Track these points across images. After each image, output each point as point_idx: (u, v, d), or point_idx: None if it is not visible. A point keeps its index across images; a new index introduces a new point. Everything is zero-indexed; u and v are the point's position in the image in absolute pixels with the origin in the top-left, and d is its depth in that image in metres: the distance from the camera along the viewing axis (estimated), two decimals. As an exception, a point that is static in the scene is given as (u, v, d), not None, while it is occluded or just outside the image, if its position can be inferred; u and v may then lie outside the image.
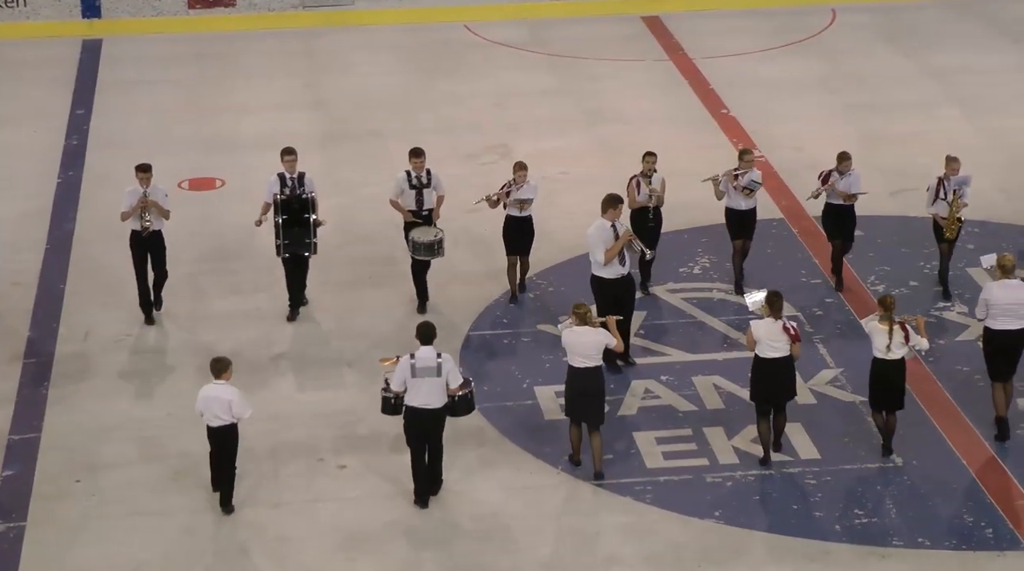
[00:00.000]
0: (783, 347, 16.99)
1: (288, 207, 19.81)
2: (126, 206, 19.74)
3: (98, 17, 31.85)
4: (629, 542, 16.15)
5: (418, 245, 20.01)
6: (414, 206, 20.33)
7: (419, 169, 20.29)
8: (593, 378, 16.85)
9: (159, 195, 19.84)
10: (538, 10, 32.68)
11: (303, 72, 29.52)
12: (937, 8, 32.60)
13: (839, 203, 20.71)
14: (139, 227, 19.79)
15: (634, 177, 20.56)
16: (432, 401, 16.47)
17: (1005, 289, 17.58)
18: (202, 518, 16.54)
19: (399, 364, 16.44)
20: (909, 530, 16.28)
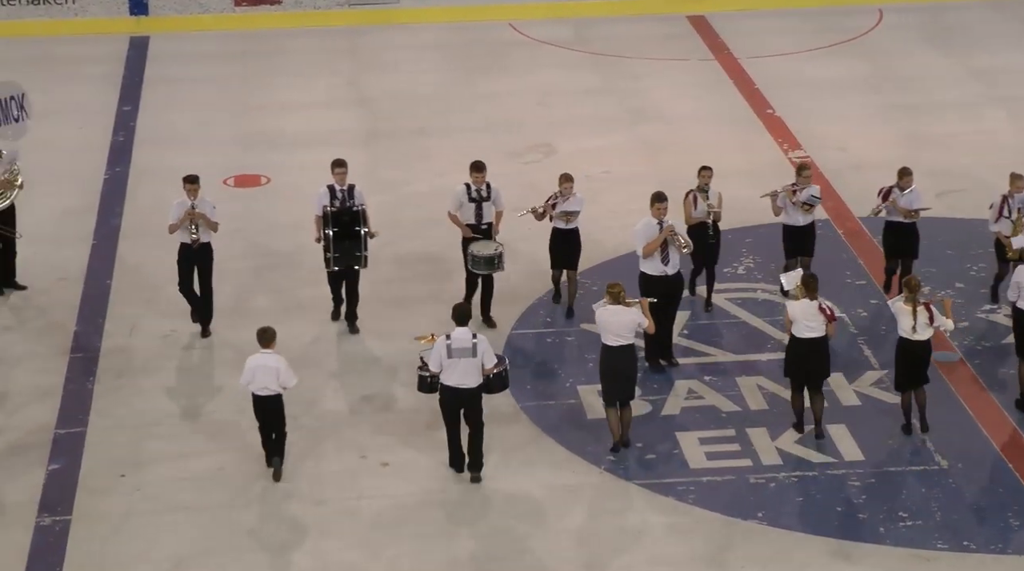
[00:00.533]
0: (819, 327, 17.42)
1: (338, 220, 19.56)
2: (173, 218, 19.58)
3: (145, 14, 32.00)
4: (671, 542, 16.14)
5: (477, 259, 19.63)
6: (473, 220, 19.99)
7: (479, 183, 19.95)
8: (626, 356, 17.39)
9: (207, 207, 19.66)
10: (583, 9, 32.65)
11: (347, 70, 29.59)
12: (982, 8, 32.43)
13: (900, 220, 20.14)
14: (188, 239, 19.59)
15: (690, 192, 20.07)
16: (467, 381, 16.88)
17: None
18: (244, 514, 16.62)
19: (435, 345, 16.89)
20: (954, 533, 16.22)
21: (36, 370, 19.31)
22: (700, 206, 19.95)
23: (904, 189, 20.05)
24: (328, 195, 19.74)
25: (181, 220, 19.54)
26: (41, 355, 19.65)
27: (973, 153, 23.66)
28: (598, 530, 16.35)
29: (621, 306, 17.29)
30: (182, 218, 19.53)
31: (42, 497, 16.86)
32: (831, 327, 17.55)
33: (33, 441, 17.85)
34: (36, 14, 31.68)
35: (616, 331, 17.28)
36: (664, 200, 18.95)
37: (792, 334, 17.58)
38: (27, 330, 20.28)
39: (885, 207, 20.12)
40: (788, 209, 20.20)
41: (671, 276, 18.97)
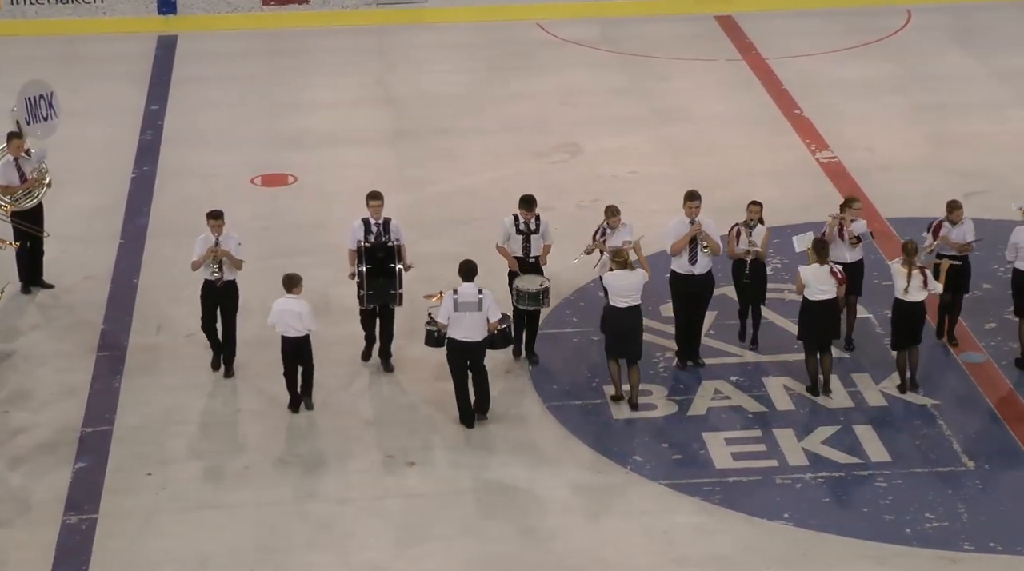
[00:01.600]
0: (830, 290, 18.30)
1: (373, 256, 18.70)
2: (196, 255, 18.76)
3: (173, 13, 32.08)
4: (697, 542, 16.12)
5: (522, 294, 18.73)
6: (520, 253, 19.14)
7: (528, 217, 19.10)
8: (633, 316, 18.20)
9: (231, 244, 18.83)
10: (610, 8, 32.62)
11: (374, 69, 29.61)
12: (1010, 9, 32.29)
13: (952, 255, 19.11)
14: (211, 277, 18.75)
15: (736, 226, 19.25)
16: (472, 334, 17.86)
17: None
18: (270, 512, 16.64)
19: (443, 299, 17.92)
20: (980, 534, 16.16)
21: (63, 368, 19.36)
22: (742, 242, 19.16)
23: (955, 222, 19.10)
24: (363, 229, 18.96)
25: (204, 257, 18.69)
26: (68, 353, 19.71)
27: (1000, 154, 23.57)
28: (623, 530, 16.33)
29: (627, 270, 18.11)
30: (205, 255, 18.68)
31: (68, 495, 16.90)
32: (841, 290, 18.40)
33: (59, 439, 17.90)
34: (64, 13, 31.77)
35: (623, 293, 18.13)
36: (696, 198, 18.94)
37: (804, 297, 18.35)
38: (54, 328, 20.34)
39: (938, 243, 19.04)
40: (836, 243, 18.92)
41: (698, 275, 18.94)
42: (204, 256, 18.70)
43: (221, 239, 18.74)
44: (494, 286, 18.67)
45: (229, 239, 18.87)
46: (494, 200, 23.62)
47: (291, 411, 18.34)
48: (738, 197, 21.31)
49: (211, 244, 18.70)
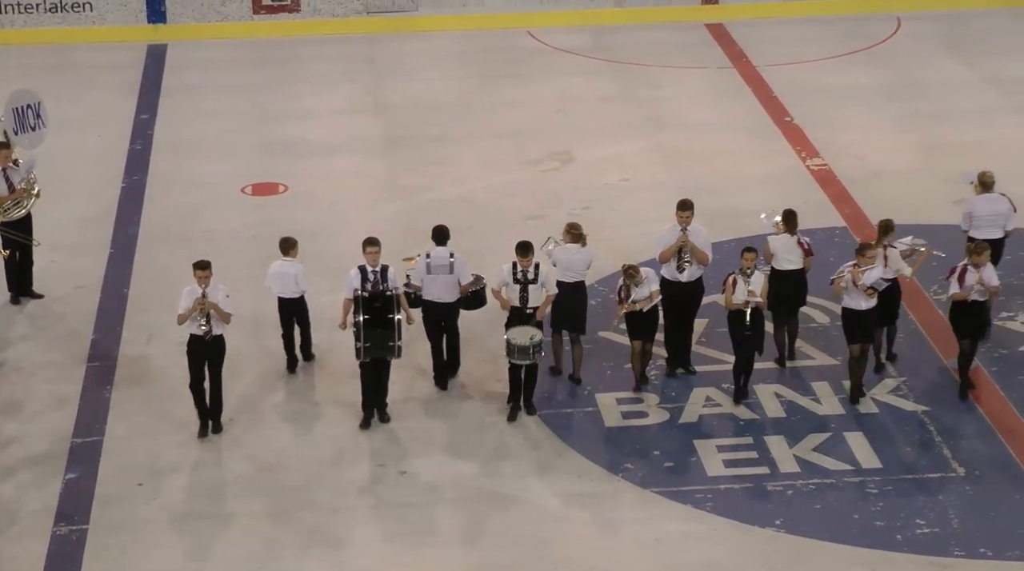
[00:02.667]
0: (797, 260, 18.99)
1: (370, 306, 17.82)
2: (182, 308, 17.67)
3: (163, 22, 32.08)
4: (689, 550, 16.11)
5: (512, 347, 17.90)
6: (517, 302, 18.29)
7: (526, 265, 18.28)
8: (578, 292, 18.78)
9: (219, 295, 17.74)
10: (601, 16, 32.67)
11: (366, 78, 29.62)
12: (1000, 16, 32.38)
13: (976, 300, 18.32)
14: (198, 331, 17.69)
15: (731, 274, 18.38)
16: (445, 296, 18.59)
17: (987, 202, 19.83)
18: (261, 523, 16.61)
19: (417, 262, 18.56)
20: (970, 540, 16.16)
21: (53, 379, 19.33)
22: (739, 291, 18.24)
23: (980, 266, 18.21)
24: (359, 277, 18.08)
25: (191, 310, 17.63)
26: (58, 364, 19.67)
27: (991, 160, 23.51)
28: (616, 538, 16.32)
29: (577, 245, 18.60)
30: (192, 307, 17.62)
31: (59, 506, 16.87)
32: (808, 260, 19.03)
33: (50, 450, 17.86)
34: (54, 22, 31.78)
35: (570, 268, 18.71)
36: (688, 209, 18.94)
37: (772, 267, 19.02)
38: (44, 339, 20.31)
39: (975, 288, 18.15)
40: (850, 291, 18.24)
41: (685, 284, 18.94)
42: (191, 309, 17.63)
43: (208, 291, 17.66)
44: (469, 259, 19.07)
45: (217, 290, 17.76)
46: (487, 208, 23.67)
47: (288, 372, 19.18)
48: (730, 204, 21.33)
49: (197, 296, 17.64)
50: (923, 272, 21.45)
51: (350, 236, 22.81)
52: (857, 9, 32.75)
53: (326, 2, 32.52)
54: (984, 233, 19.69)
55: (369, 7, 32.61)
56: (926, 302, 20.77)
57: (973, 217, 19.88)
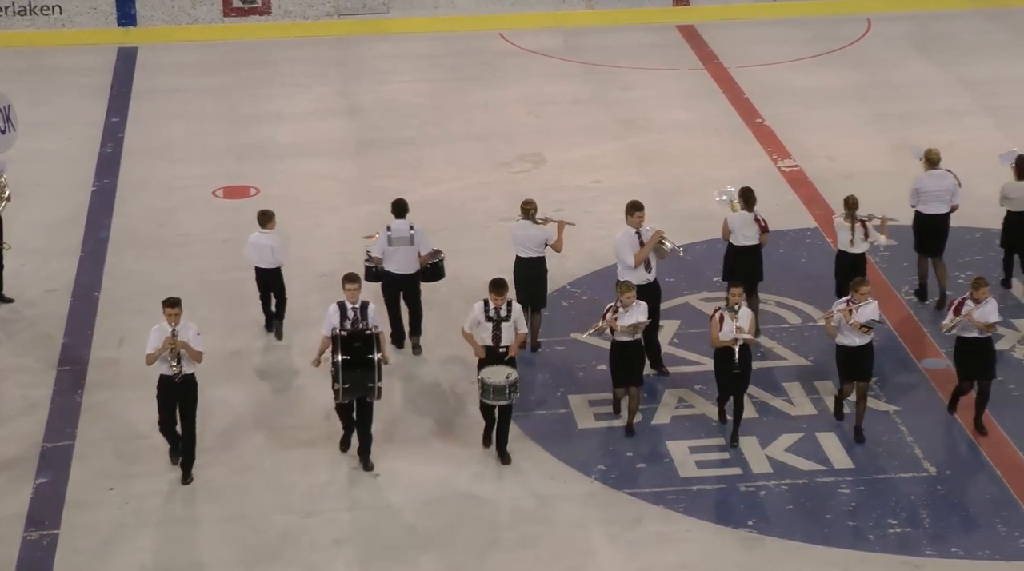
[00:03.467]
0: (753, 236, 19.56)
1: (349, 345, 17.06)
2: (151, 347, 16.85)
3: (133, 25, 32.00)
4: (662, 551, 16.11)
5: (487, 387, 17.23)
6: (490, 341, 17.56)
7: (499, 303, 17.56)
8: (537, 265, 19.37)
9: (190, 334, 16.92)
10: (572, 18, 32.69)
11: (337, 80, 29.59)
12: (971, 17, 32.50)
13: (975, 336, 17.69)
14: (168, 372, 16.93)
15: (718, 310, 17.71)
16: (405, 267, 19.31)
17: (933, 178, 20.56)
18: (234, 526, 16.56)
19: (379, 236, 19.24)
20: (943, 540, 16.20)
21: (24, 383, 19.25)
22: (727, 327, 17.55)
23: (979, 301, 17.60)
24: (338, 314, 17.34)
25: (160, 349, 16.81)
26: (29, 368, 19.59)
27: (962, 161, 23.60)
28: (588, 539, 16.31)
29: (530, 221, 19.11)
30: (161, 347, 16.80)
31: (29, 511, 16.79)
32: (764, 237, 19.61)
33: (20, 454, 17.78)
34: (23, 24, 31.69)
35: (526, 243, 19.30)
36: (642, 208, 18.95)
37: (730, 243, 19.66)
38: (15, 343, 20.23)
39: (960, 322, 17.62)
40: (843, 328, 17.66)
41: (652, 283, 18.97)
42: (160, 349, 16.82)
43: (178, 329, 16.83)
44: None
45: (187, 329, 16.94)
46: (459, 210, 23.67)
47: (266, 330, 20.07)
48: (701, 206, 21.33)
49: (167, 335, 16.81)
50: (894, 272, 21.56)
51: (322, 239, 22.85)
52: (828, 11, 32.84)
53: (296, 4, 32.49)
54: (931, 208, 20.52)
55: (340, 9, 32.58)
56: (897, 302, 20.83)
57: (920, 192, 20.60)
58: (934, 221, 20.60)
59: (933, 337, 19.93)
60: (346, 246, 22.36)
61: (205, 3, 32.17)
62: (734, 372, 17.56)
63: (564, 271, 21.59)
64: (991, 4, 33.10)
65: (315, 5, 32.52)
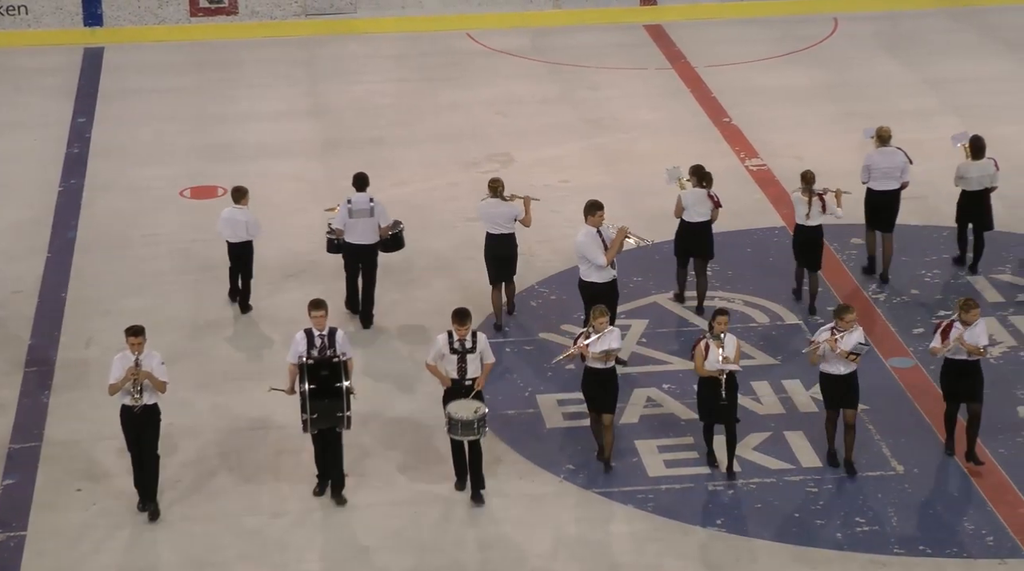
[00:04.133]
0: (706, 212, 20.21)
1: (316, 373, 16.58)
2: (113, 377, 16.31)
3: (100, 25, 31.88)
4: (631, 550, 16.13)
5: (454, 423, 16.65)
6: (455, 374, 16.89)
7: (463, 334, 16.88)
8: (507, 241, 19.92)
9: (153, 363, 16.35)
10: (540, 18, 32.70)
11: (305, 80, 29.53)
12: (937, 16, 32.62)
13: (963, 358, 17.20)
14: (130, 402, 16.33)
15: (701, 338, 17.13)
16: (365, 238, 20.04)
17: (884, 155, 21.21)
18: (202, 527, 16.53)
19: (339, 208, 19.94)
20: (910, 538, 16.26)
21: (-9, 384, 19.20)
22: (712, 356, 16.97)
23: (968, 323, 17.09)
24: (305, 341, 16.74)
25: (123, 380, 16.25)
26: (-5, 369, 19.54)
27: (929, 161, 23.73)
28: (558, 539, 16.32)
29: (499, 198, 19.63)
30: (124, 377, 16.24)
31: (-3, 512, 16.76)
32: (716, 213, 20.20)
33: (-12, 455, 17.73)
34: (-11, 25, 31.55)
35: (495, 220, 19.84)
36: (602, 208, 18.96)
37: (683, 219, 20.26)
38: (-19, 344, 20.17)
39: (952, 347, 17.10)
40: (829, 357, 17.06)
41: (611, 282, 19.04)
42: (123, 379, 16.26)
43: (142, 358, 16.28)
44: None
45: (151, 358, 16.38)
46: (427, 210, 23.65)
47: (230, 300, 20.75)
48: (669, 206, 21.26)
49: (130, 364, 16.23)
50: (863, 272, 21.62)
51: (289, 239, 22.80)
52: (795, 10, 32.92)
53: (264, 4, 32.42)
54: (881, 184, 21.22)
55: (307, 9, 32.53)
56: (864, 301, 20.89)
57: (871, 169, 21.29)
58: (884, 197, 21.27)
59: (900, 336, 20.01)
60: (314, 247, 22.33)
61: (172, 3, 32.07)
62: (720, 403, 16.96)
63: (533, 270, 21.61)
64: (957, 4, 33.22)
65: (282, 5, 32.46)
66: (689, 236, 20.34)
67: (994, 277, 21.47)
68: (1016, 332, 19.98)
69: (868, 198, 21.41)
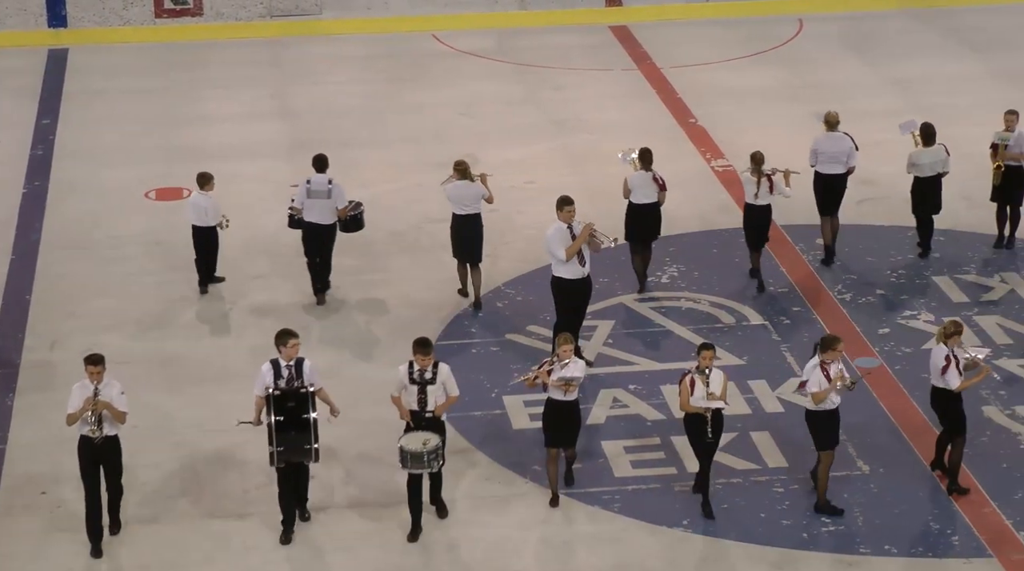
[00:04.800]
0: (652, 194, 20.83)
1: (283, 405, 15.98)
2: (72, 407, 15.75)
3: (64, 27, 31.77)
4: (597, 551, 16.14)
5: (404, 455, 16.05)
6: (415, 406, 16.31)
7: (424, 364, 16.27)
8: (473, 222, 20.37)
9: (113, 393, 15.83)
10: (506, 19, 32.71)
11: (270, 81, 29.48)
12: (901, 17, 32.75)
13: (942, 387, 16.71)
14: (89, 432, 15.78)
15: (687, 373, 16.47)
16: (323, 219, 20.58)
17: (831, 140, 21.88)
18: (167, 530, 16.47)
19: (299, 187, 20.63)
20: (876, 537, 16.31)
21: (-45, 387, 19.10)
22: (698, 392, 16.36)
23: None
24: (271, 372, 16.16)
25: (81, 410, 15.72)
26: (-41, 372, 19.44)
27: (894, 161, 23.79)
28: (524, 540, 16.33)
29: (468, 180, 20.10)
30: (82, 407, 15.71)
31: (-39, 515, 16.67)
32: (662, 194, 20.82)
33: (-48, 459, 17.64)
34: (-48, 27, 31.40)
35: (462, 201, 20.33)
36: (572, 203, 18.98)
37: (630, 202, 20.87)
38: (-55, 346, 20.07)
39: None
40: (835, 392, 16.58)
41: (587, 277, 19.03)
42: (82, 409, 15.74)
43: (101, 388, 15.76)
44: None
45: (110, 387, 15.85)
46: (392, 211, 23.63)
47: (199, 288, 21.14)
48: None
49: (89, 394, 15.73)
50: (827, 272, 21.67)
51: (255, 241, 22.75)
52: (760, 11, 33.00)
53: (229, 6, 32.36)
54: (828, 168, 21.86)
55: (272, 11, 32.47)
56: (830, 301, 20.96)
57: (818, 153, 21.95)
58: (831, 181, 21.85)
59: (865, 336, 20.08)
60: (279, 248, 22.29)
61: (136, 4, 31.98)
62: (707, 440, 16.43)
63: (499, 271, 21.62)
64: (921, 4, 33.37)
65: (247, 6, 32.40)
66: (638, 218, 20.94)
67: (958, 277, 21.56)
68: (981, 332, 20.06)
69: (816, 182, 21.96)
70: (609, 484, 17.17)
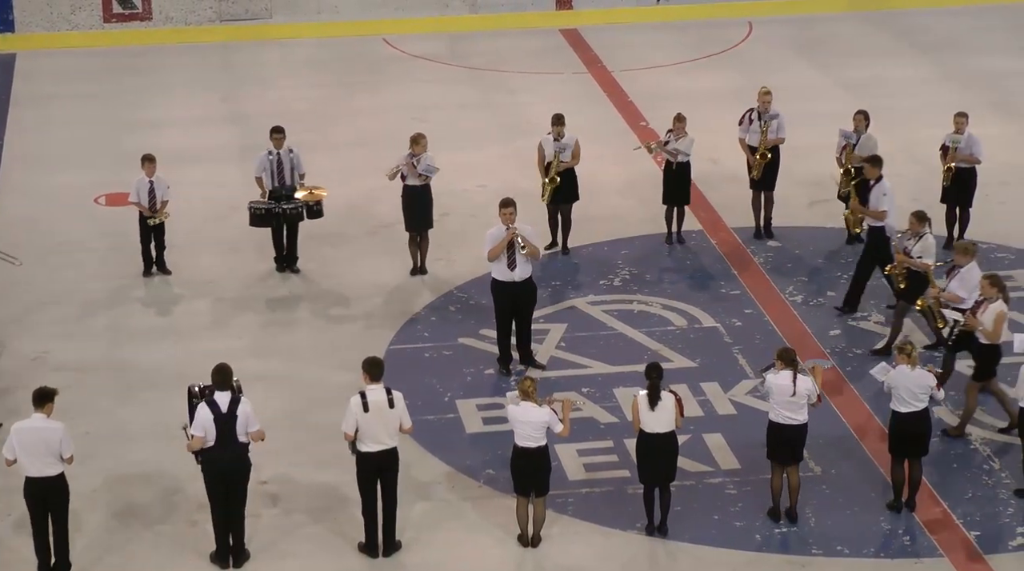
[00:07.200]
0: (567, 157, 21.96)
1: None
2: (9, 453, 15.30)
3: (11, 31, 31.60)
4: (551, 554, 16.14)
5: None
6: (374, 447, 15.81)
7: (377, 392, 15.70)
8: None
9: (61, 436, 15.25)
10: (457, 23, 32.71)
11: (221, 86, 29.39)
12: (851, 20, 32.93)
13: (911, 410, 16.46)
14: (33, 472, 15.20)
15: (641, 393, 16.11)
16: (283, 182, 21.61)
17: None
18: (119, 535, 16.39)
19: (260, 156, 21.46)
20: (828, 539, 16.37)
21: (-98, 395, 18.94)
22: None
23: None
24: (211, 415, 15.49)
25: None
26: (-93, 379, 19.29)
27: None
28: (477, 543, 16.32)
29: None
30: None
31: (-93, 525, 16.53)
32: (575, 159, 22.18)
33: (-101, 468, 17.45)
34: (-101, 32, 31.19)
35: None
36: (511, 205, 18.99)
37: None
38: None
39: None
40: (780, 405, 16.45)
41: (519, 282, 18.99)
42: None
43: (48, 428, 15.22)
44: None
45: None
46: (344, 216, 23.58)
47: (144, 276, 21.48)
48: (589, 209, 21.37)
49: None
50: (780, 275, 21.74)
51: (205, 245, 22.68)
52: (709, 14, 33.10)
53: (178, 10, 32.24)
54: (756, 140, 22.71)
55: (222, 15, 32.37)
56: (781, 303, 21.03)
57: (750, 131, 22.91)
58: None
59: (816, 337, 20.16)
60: (229, 253, 22.22)
61: (85, 9, 31.83)
62: (659, 460, 16.09)
63: (452, 274, 21.62)
64: (870, 7, 33.55)
65: (197, 11, 32.28)
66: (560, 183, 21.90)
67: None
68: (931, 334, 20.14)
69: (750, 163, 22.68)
70: (562, 487, 17.16)
